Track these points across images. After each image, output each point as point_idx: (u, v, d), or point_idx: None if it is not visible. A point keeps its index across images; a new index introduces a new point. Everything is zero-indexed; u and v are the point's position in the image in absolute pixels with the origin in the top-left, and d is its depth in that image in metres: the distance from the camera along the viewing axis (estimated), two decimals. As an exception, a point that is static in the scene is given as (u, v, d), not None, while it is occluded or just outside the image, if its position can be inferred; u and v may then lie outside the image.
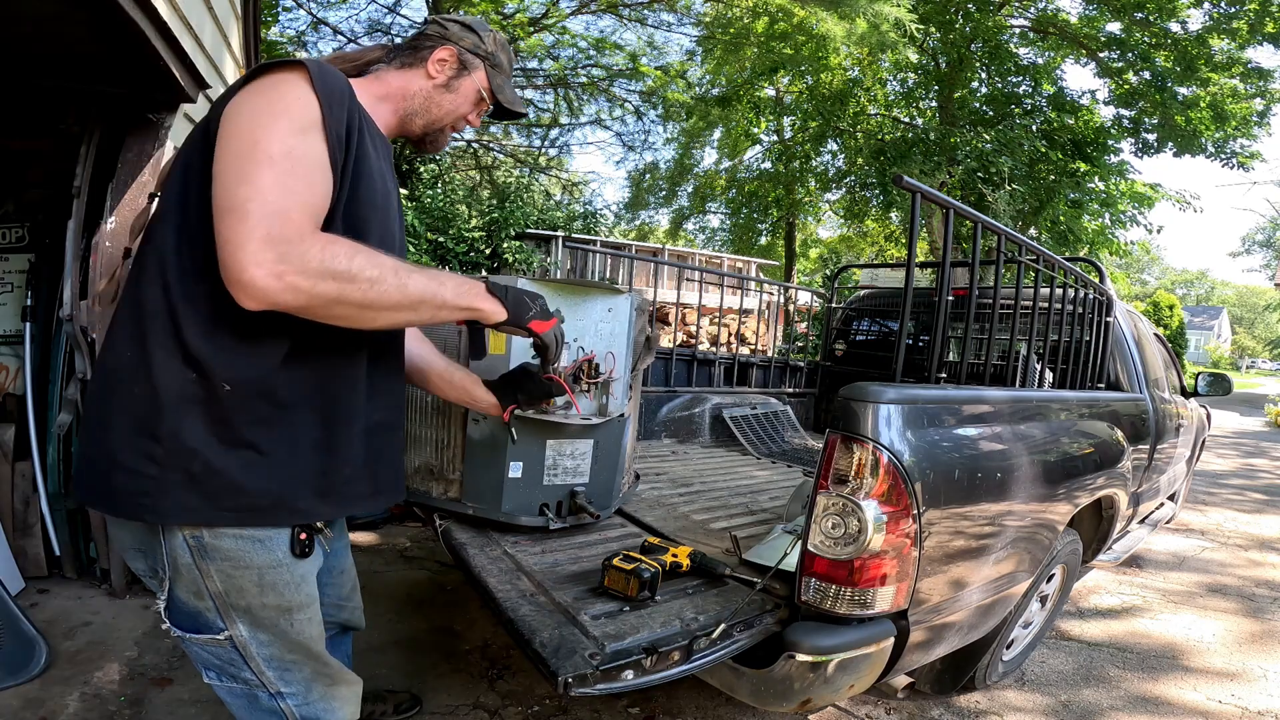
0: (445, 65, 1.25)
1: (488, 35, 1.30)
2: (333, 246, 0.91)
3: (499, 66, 1.31)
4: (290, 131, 0.93)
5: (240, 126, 0.93)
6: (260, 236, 0.86)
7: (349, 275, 0.91)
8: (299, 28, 9.95)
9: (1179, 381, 3.78)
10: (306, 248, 0.88)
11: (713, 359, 3.66)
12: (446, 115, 1.28)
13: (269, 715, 1.13)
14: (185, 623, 1.07)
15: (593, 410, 1.74)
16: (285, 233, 0.87)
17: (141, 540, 1.04)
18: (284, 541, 1.05)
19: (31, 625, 2.04)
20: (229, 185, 0.89)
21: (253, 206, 0.87)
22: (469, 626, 2.48)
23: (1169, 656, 2.65)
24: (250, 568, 1.02)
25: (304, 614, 1.11)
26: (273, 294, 0.87)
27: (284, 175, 0.90)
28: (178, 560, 1.01)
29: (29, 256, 2.63)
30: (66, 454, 2.48)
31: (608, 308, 1.74)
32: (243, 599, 1.04)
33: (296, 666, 1.12)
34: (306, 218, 0.92)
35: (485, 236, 8.09)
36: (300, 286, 0.88)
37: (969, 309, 1.77)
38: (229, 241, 0.87)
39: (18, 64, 2.22)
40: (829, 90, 11.66)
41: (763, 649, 1.34)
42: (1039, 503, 1.75)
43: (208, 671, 1.12)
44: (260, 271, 0.85)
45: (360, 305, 0.94)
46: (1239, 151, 9.98)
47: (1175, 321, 18.57)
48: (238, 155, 0.91)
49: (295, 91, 0.96)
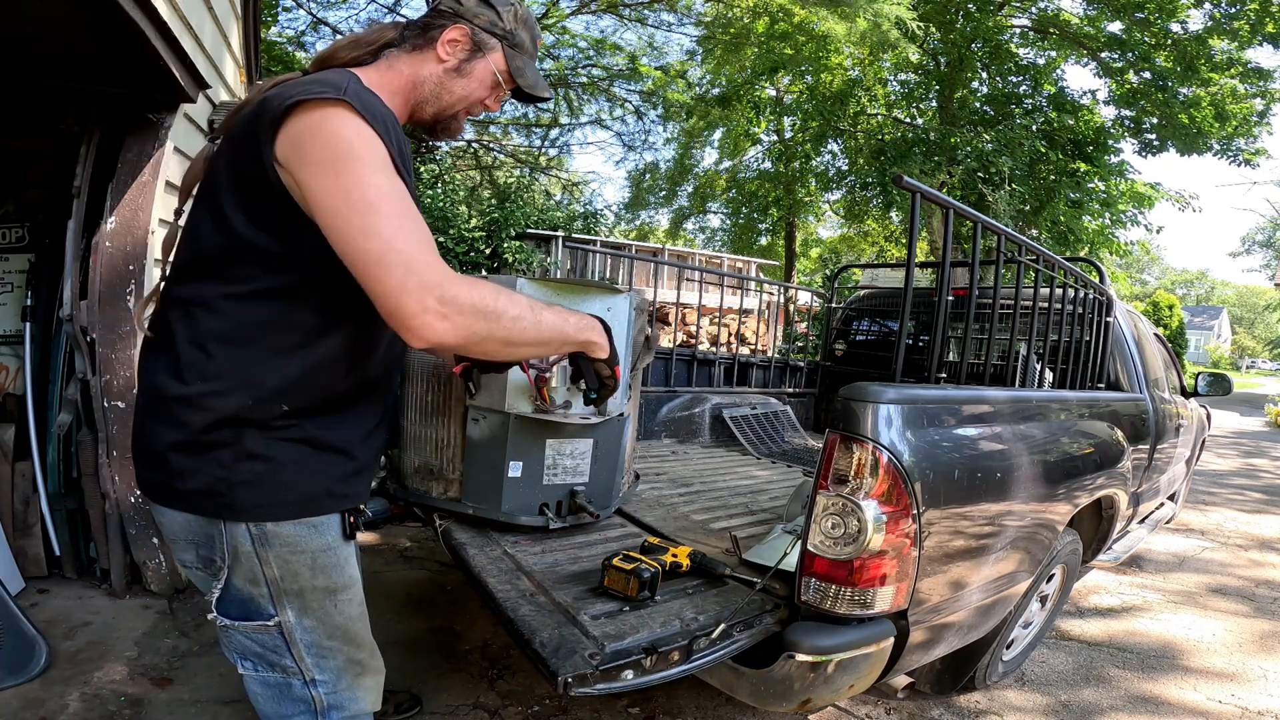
0: (458, 46, 1.16)
1: (506, 10, 1.19)
2: (478, 287, 0.96)
3: (519, 46, 1.21)
4: (380, 172, 0.93)
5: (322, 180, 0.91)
6: (415, 285, 0.89)
7: (496, 314, 0.97)
8: (299, 27, 9.96)
9: (1179, 381, 3.78)
10: (457, 289, 0.92)
11: (713, 359, 3.66)
12: (459, 101, 1.19)
13: (298, 704, 1.17)
14: (235, 611, 1.11)
15: (592, 410, 1.74)
16: (433, 277, 0.91)
17: (195, 532, 1.07)
18: (335, 525, 1.11)
19: (31, 625, 2.04)
20: (353, 242, 0.90)
21: (391, 258, 0.89)
22: (469, 626, 2.48)
23: (1169, 656, 2.65)
24: (305, 552, 1.08)
25: (347, 594, 1.16)
26: (440, 334, 0.91)
27: (395, 218, 0.91)
28: (238, 549, 1.05)
29: (29, 256, 2.63)
30: (66, 454, 2.49)
31: (606, 307, 1.74)
32: (296, 583, 1.09)
33: (331, 654, 1.17)
34: (435, 256, 0.94)
35: (485, 236, 8.09)
36: (461, 324, 0.93)
37: (969, 309, 1.77)
38: (385, 295, 0.90)
39: (18, 64, 2.22)
40: (829, 90, 11.66)
41: (763, 649, 1.33)
42: (1039, 503, 1.74)
43: (245, 661, 1.16)
44: (429, 317, 0.90)
45: (504, 341, 1.00)
46: (1244, 149, 9.97)
47: (1175, 321, 18.55)
48: (337, 203, 0.90)
49: (363, 134, 0.93)
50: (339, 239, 0.91)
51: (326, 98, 0.94)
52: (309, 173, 0.92)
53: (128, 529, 2.41)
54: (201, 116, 2.82)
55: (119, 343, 2.34)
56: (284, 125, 0.93)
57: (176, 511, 1.06)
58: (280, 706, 1.17)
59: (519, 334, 1.01)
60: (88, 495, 2.43)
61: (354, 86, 0.98)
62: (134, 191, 2.36)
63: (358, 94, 0.97)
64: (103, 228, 2.33)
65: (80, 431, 2.40)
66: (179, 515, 1.06)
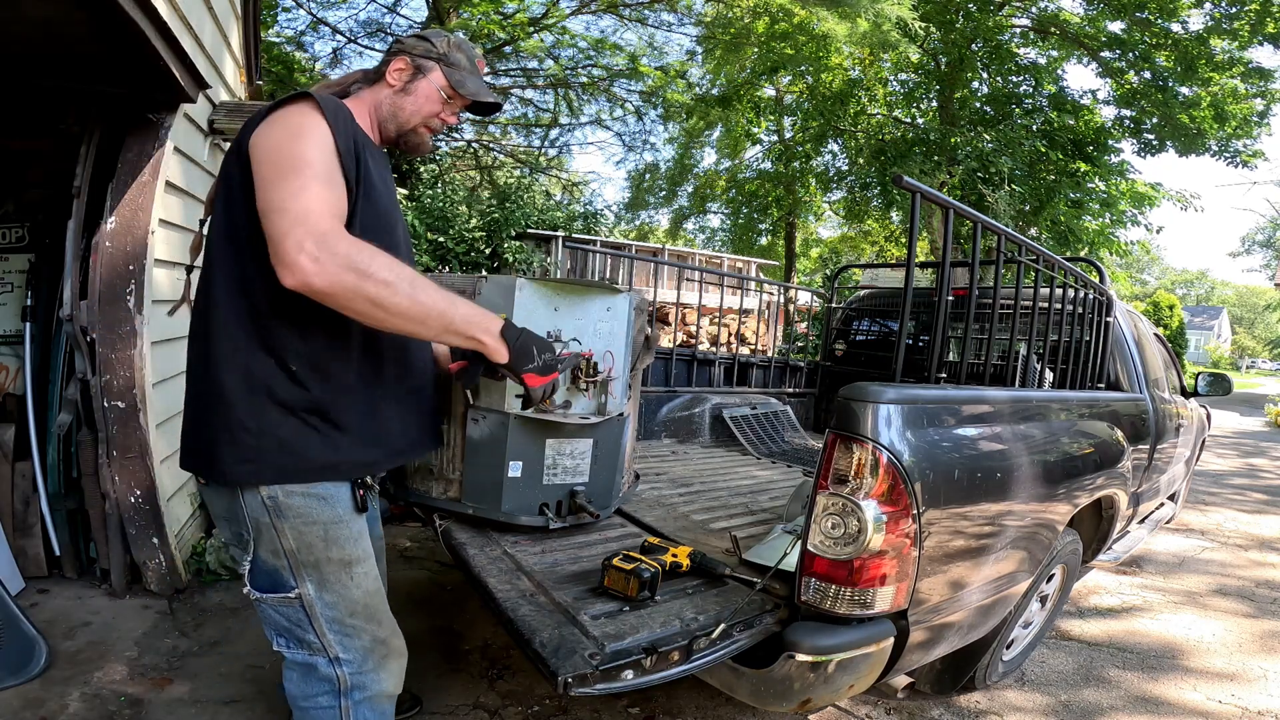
0: (402, 73, 1.38)
1: (440, 39, 1.41)
2: (359, 244, 1.06)
3: (455, 64, 1.41)
4: (312, 148, 1.11)
5: (270, 145, 1.11)
6: (301, 228, 1.02)
7: (368, 272, 1.04)
8: (298, 27, 9.95)
9: (1179, 381, 3.78)
10: (337, 241, 1.04)
11: (713, 359, 3.66)
12: (412, 116, 1.39)
13: (322, 684, 1.25)
14: (264, 582, 1.22)
15: (592, 410, 1.74)
16: (320, 226, 1.03)
17: (227, 508, 1.20)
18: (345, 498, 1.22)
19: (31, 625, 2.04)
20: (269, 190, 1.07)
21: (291, 204, 1.04)
22: (469, 626, 2.48)
23: (1169, 656, 2.65)
24: (317, 523, 1.19)
25: (361, 568, 1.26)
26: (309, 275, 1.01)
27: (311, 181, 1.07)
28: (258, 521, 1.17)
29: (29, 256, 2.63)
30: (66, 454, 2.49)
31: (606, 307, 1.74)
32: (311, 554, 1.19)
33: (356, 633, 1.25)
34: (334, 217, 1.08)
35: (485, 236, 8.09)
36: (329, 272, 1.02)
37: (969, 309, 1.77)
38: (275, 233, 1.04)
39: (18, 64, 2.21)
40: (829, 90, 11.65)
41: (763, 649, 1.33)
42: (1039, 503, 1.74)
43: (279, 638, 1.27)
44: (303, 256, 1.01)
45: (373, 302, 1.06)
46: (1242, 150, 9.97)
47: (1175, 321, 18.55)
48: (273, 166, 1.09)
49: (310, 118, 1.14)
50: (260, 191, 1.08)
51: (295, 96, 1.17)
52: (258, 145, 1.11)
53: (128, 529, 2.41)
54: (201, 116, 2.82)
55: (119, 343, 2.34)
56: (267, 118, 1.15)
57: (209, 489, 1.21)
58: (306, 686, 1.26)
59: (389, 300, 1.06)
60: (88, 495, 2.43)
61: (320, 93, 1.20)
62: (134, 191, 2.36)
63: (321, 95, 1.18)
64: (103, 228, 2.33)
65: (80, 431, 2.40)
66: (210, 492, 1.21)
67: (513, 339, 1.24)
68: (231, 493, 1.18)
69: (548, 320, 1.65)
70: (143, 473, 2.39)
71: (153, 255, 2.42)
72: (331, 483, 1.21)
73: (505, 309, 1.62)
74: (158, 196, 2.41)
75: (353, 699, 1.26)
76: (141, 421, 2.37)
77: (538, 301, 1.64)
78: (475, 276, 1.73)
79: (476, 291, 1.66)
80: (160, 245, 2.51)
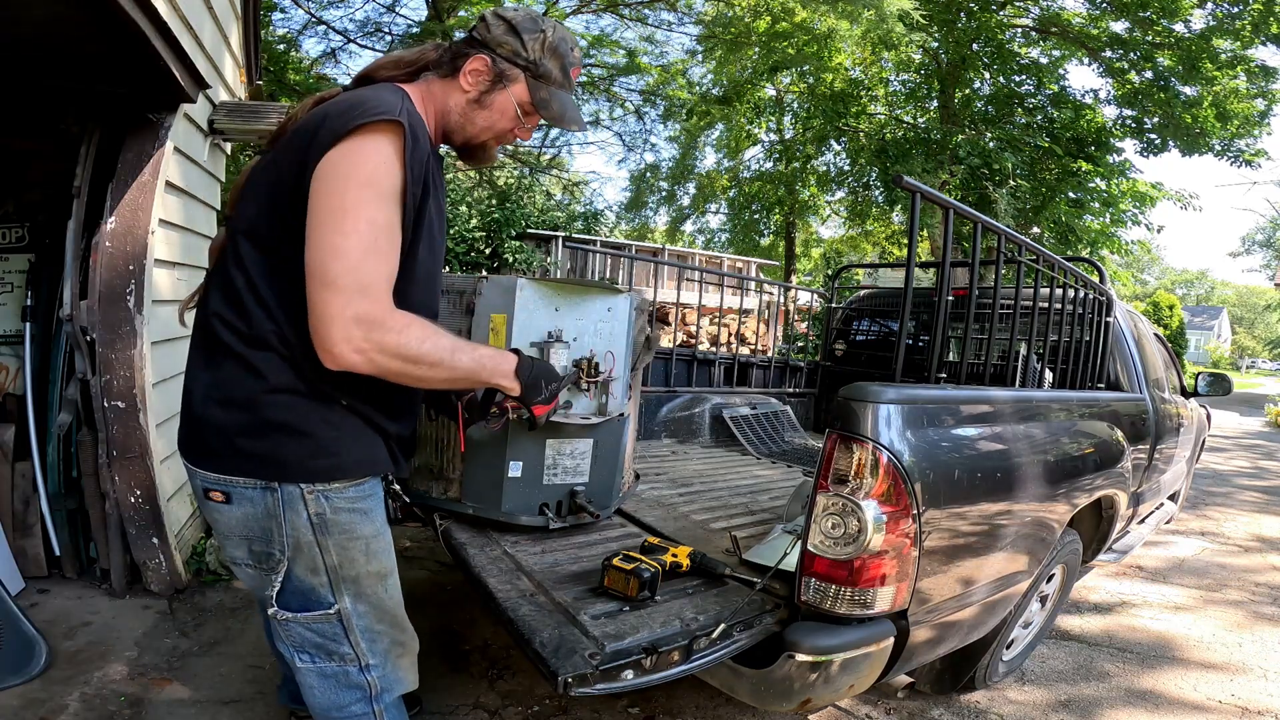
0: (479, 77, 1.16)
1: (533, 39, 1.16)
2: (409, 331, 1.04)
3: (544, 76, 1.18)
4: (376, 202, 1.01)
5: (338, 184, 1.00)
6: (351, 316, 0.98)
7: (416, 359, 1.06)
8: (295, 26, 9.93)
9: (1179, 381, 3.78)
10: (386, 331, 1.01)
11: (713, 359, 3.66)
12: (484, 132, 1.20)
13: (354, 691, 1.23)
14: (295, 603, 1.16)
15: (592, 410, 1.74)
16: (372, 313, 1.00)
17: (251, 528, 1.12)
18: (381, 513, 1.21)
19: (31, 625, 2.04)
20: (322, 253, 0.99)
21: (345, 282, 0.98)
22: (469, 626, 2.47)
23: (1169, 655, 2.65)
24: (360, 538, 1.16)
25: (393, 578, 1.25)
26: (352, 365, 1.01)
27: (370, 250, 1.00)
28: (299, 539, 1.12)
29: (29, 256, 2.63)
30: (66, 454, 2.49)
31: (607, 307, 1.74)
32: (353, 569, 1.17)
33: (380, 637, 1.24)
34: (387, 290, 1.03)
35: (485, 236, 8.10)
36: (376, 362, 1.02)
37: (969, 309, 1.77)
38: (323, 315, 0.99)
39: (18, 64, 2.21)
40: (830, 90, 11.65)
41: (763, 649, 1.33)
42: (1039, 502, 1.74)
43: (302, 654, 1.21)
44: (348, 348, 0.99)
45: (417, 379, 1.10)
46: (1245, 150, 9.97)
47: (1175, 321, 18.55)
48: (331, 216, 0.99)
49: (385, 155, 1.02)
50: (311, 247, 1.00)
51: (379, 119, 1.02)
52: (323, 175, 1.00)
53: (128, 529, 2.41)
54: (201, 116, 2.82)
55: (119, 343, 2.34)
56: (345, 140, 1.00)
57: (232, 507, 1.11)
58: (337, 696, 1.22)
59: (433, 375, 1.11)
60: (88, 495, 2.43)
61: (406, 106, 1.06)
62: (134, 192, 2.36)
63: (409, 113, 1.05)
64: (103, 228, 2.33)
65: (80, 431, 2.40)
66: (235, 510, 1.11)
67: (525, 374, 1.27)
68: (265, 511, 1.09)
69: (548, 320, 1.65)
70: (143, 473, 2.39)
71: (153, 255, 2.42)
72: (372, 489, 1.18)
73: (506, 309, 1.62)
74: (158, 196, 2.41)
75: (383, 702, 1.25)
76: (141, 421, 2.36)
77: (538, 302, 1.64)
78: (475, 277, 1.73)
79: (477, 292, 1.66)
80: (160, 245, 2.51)
